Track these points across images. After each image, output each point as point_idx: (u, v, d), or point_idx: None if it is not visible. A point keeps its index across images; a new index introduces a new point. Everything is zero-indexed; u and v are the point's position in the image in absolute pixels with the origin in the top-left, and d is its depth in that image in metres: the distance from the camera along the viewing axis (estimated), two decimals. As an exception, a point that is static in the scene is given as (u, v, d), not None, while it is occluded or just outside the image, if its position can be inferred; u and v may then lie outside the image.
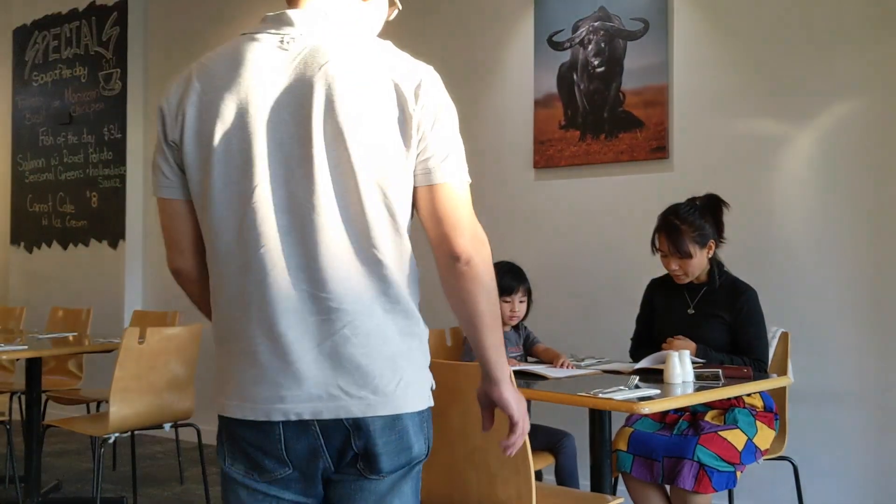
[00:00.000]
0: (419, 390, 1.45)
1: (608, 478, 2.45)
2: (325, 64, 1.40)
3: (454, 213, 1.46)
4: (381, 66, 1.43)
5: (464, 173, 1.48)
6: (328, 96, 1.38)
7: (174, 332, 3.62)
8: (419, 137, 1.42)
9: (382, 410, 1.40)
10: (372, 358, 1.39)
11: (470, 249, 1.46)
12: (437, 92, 1.46)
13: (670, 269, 2.96)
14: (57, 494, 4.21)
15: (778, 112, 3.59)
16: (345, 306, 1.39)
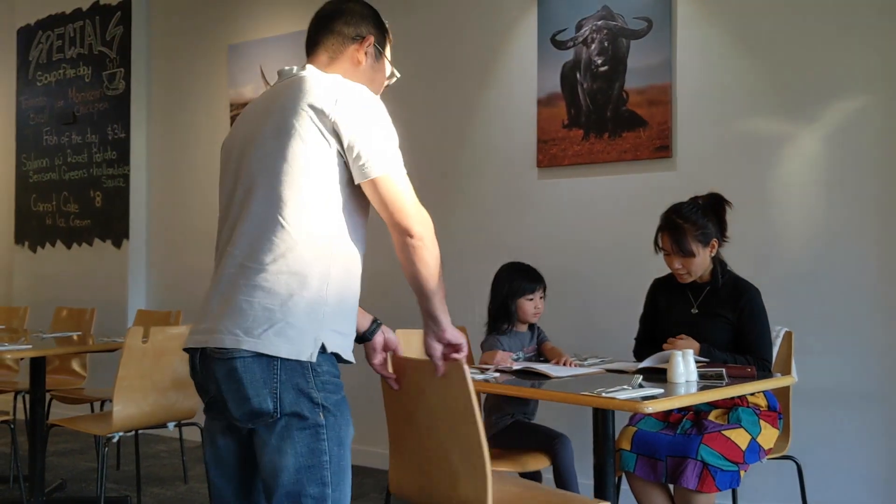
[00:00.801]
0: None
1: (611, 477, 2.44)
2: (275, 96, 1.89)
3: (397, 199, 1.83)
4: (305, 94, 1.81)
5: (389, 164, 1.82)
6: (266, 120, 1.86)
7: (178, 331, 3.62)
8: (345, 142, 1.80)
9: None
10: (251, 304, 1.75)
11: (409, 226, 1.82)
12: (351, 103, 1.81)
13: (673, 268, 2.96)
14: (61, 494, 4.22)
15: (782, 110, 3.58)
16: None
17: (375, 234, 1.99)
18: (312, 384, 1.73)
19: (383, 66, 2.14)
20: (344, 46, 2.03)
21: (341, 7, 2.06)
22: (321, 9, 2.09)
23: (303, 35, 2.14)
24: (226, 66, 5.40)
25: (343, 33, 2.03)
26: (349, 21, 2.03)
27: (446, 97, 4.50)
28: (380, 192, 1.80)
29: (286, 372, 1.72)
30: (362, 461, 4.72)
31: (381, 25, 2.12)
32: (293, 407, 1.72)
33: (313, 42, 2.05)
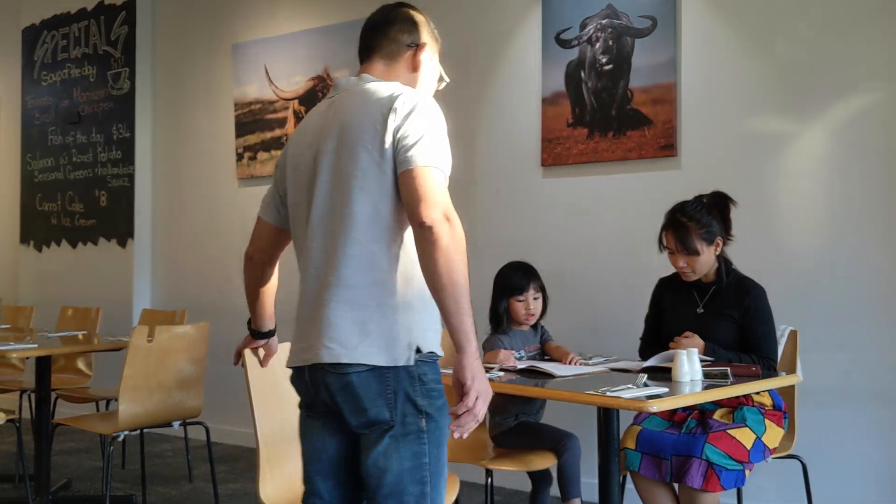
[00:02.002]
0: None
1: (616, 476, 2.44)
2: (337, 110, 1.94)
3: (420, 189, 1.77)
4: (370, 107, 1.88)
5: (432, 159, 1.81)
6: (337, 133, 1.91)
7: (183, 330, 3.63)
8: (396, 142, 1.82)
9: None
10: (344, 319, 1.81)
11: (435, 220, 1.73)
12: (411, 110, 1.87)
13: (678, 267, 2.95)
14: (66, 492, 4.23)
15: (787, 109, 3.58)
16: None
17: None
18: (418, 392, 1.81)
19: (436, 71, 2.20)
20: (399, 53, 2.09)
21: (396, 15, 2.12)
22: (375, 16, 2.14)
23: (307, 34, 2.16)
24: (230, 66, 5.41)
25: (399, 40, 2.08)
26: (404, 28, 2.09)
27: (450, 95, 4.49)
28: (412, 182, 1.78)
29: (397, 381, 1.79)
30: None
31: (433, 32, 2.18)
32: (403, 415, 1.80)
33: (369, 49, 2.12)
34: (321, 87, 4.94)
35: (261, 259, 2.18)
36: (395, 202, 1.82)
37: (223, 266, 5.46)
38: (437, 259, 1.72)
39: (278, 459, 2.48)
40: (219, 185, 5.50)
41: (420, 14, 2.15)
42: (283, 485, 2.46)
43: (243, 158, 5.34)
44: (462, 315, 1.72)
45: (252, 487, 4.18)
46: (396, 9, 2.14)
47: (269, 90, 5.19)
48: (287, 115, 5.11)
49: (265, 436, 2.46)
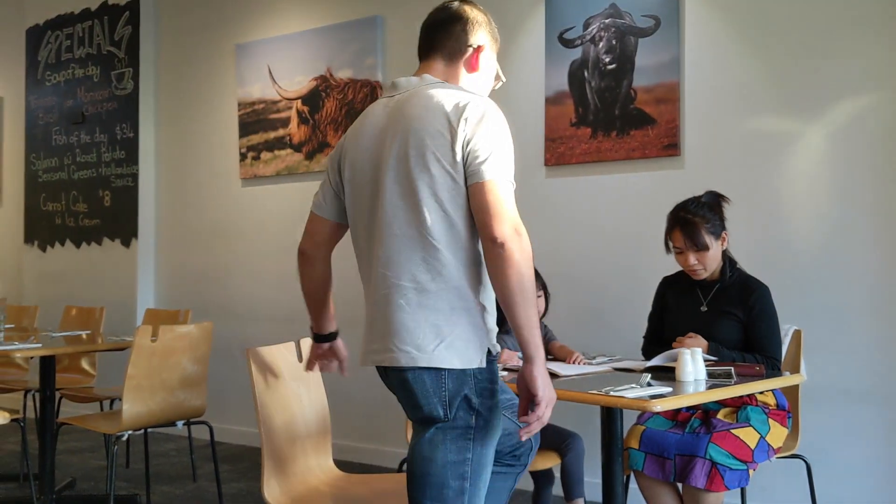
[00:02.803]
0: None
1: (620, 476, 2.44)
2: (402, 113, 1.93)
3: (490, 204, 1.81)
4: (433, 110, 1.90)
5: (501, 173, 1.84)
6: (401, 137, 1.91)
7: (186, 330, 3.63)
8: (466, 151, 1.85)
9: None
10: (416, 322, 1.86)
11: (506, 235, 1.79)
12: (478, 117, 1.89)
13: (688, 265, 2.94)
14: (71, 492, 4.24)
15: (791, 109, 3.57)
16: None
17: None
18: (473, 390, 1.87)
19: (493, 70, 2.20)
20: (461, 52, 2.09)
21: (460, 13, 2.12)
22: (437, 13, 2.14)
23: (310, 34, 2.17)
24: (234, 66, 5.41)
25: (461, 39, 2.09)
26: (467, 28, 2.09)
27: (454, 96, 4.50)
28: (483, 196, 1.82)
29: (452, 380, 1.86)
30: (377, 461, 4.73)
31: (493, 32, 2.19)
32: (455, 411, 1.87)
33: (430, 45, 2.10)
34: (324, 87, 4.95)
35: (317, 255, 2.19)
36: (465, 209, 1.86)
37: (227, 266, 5.47)
38: (510, 274, 1.78)
39: (282, 459, 2.48)
40: (222, 185, 5.51)
41: (482, 13, 2.16)
42: (288, 484, 2.47)
43: (247, 158, 5.34)
44: (532, 328, 1.80)
45: (256, 487, 4.20)
46: (460, 6, 2.13)
47: (273, 90, 5.19)
48: (290, 115, 5.12)
49: (269, 435, 2.46)
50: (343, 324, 2.32)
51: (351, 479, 2.60)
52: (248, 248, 5.37)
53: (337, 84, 4.89)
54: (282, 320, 5.11)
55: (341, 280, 2.34)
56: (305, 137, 5.06)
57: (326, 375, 2.65)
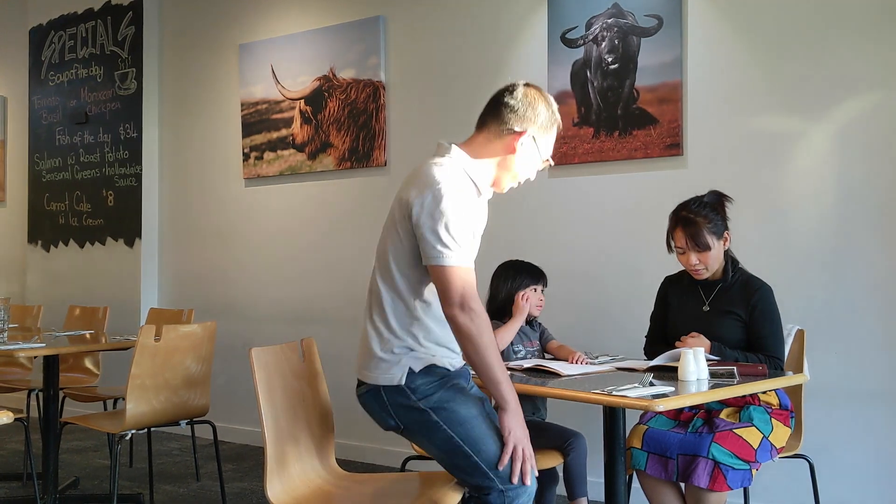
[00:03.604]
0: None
1: (622, 475, 2.44)
2: (410, 174, 2.32)
3: (440, 286, 2.18)
4: (412, 186, 2.22)
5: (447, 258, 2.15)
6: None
7: (189, 329, 3.64)
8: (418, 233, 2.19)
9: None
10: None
11: (455, 315, 2.15)
12: (435, 202, 2.16)
13: (690, 265, 2.94)
14: (74, 491, 4.24)
15: (793, 108, 3.57)
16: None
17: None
18: (412, 399, 2.24)
19: (534, 157, 2.34)
20: (503, 134, 2.29)
21: (514, 94, 2.30)
22: (501, 89, 2.33)
23: (313, 34, 2.19)
24: (237, 66, 5.42)
25: (507, 121, 2.28)
26: (517, 111, 2.28)
27: (456, 95, 4.50)
28: (436, 278, 2.18)
29: (390, 395, 2.26)
30: (381, 461, 4.73)
31: (551, 115, 2.32)
32: (408, 419, 2.26)
33: (481, 120, 2.35)
34: (327, 87, 4.95)
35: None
36: (411, 268, 2.23)
37: (230, 265, 5.47)
38: (465, 345, 2.17)
39: (286, 458, 2.48)
40: (225, 185, 5.51)
41: (542, 96, 2.31)
42: (291, 483, 2.47)
43: (250, 158, 5.35)
44: (498, 384, 2.15)
45: (259, 486, 4.20)
46: (519, 87, 2.31)
47: (276, 90, 5.20)
48: (293, 115, 5.12)
49: (273, 434, 2.46)
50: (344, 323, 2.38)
51: (354, 479, 2.60)
52: (251, 247, 5.38)
53: (340, 84, 4.90)
54: (285, 320, 5.12)
55: (345, 281, 2.37)
56: (308, 137, 5.06)
57: (329, 375, 2.65)
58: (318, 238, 5.05)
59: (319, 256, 5.03)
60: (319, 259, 5.03)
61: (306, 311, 5.05)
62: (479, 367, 2.16)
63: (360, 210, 4.85)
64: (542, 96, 2.31)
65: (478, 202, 2.31)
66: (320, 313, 4.95)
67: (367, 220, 4.79)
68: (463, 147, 2.31)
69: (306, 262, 5.09)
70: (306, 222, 5.11)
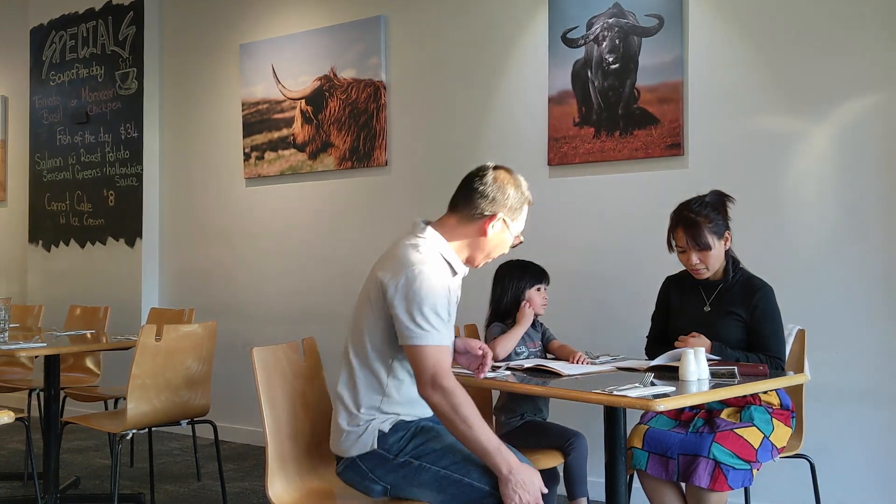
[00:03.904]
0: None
1: (623, 475, 2.44)
2: (387, 253, 2.35)
3: (415, 366, 2.23)
4: (385, 267, 2.28)
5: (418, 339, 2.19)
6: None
7: (190, 329, 3.64)
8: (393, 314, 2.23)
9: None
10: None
11: (428, 395, 2.19)
12: (408, 284, 2.20)
13: (691, 265, 2.94)
14: (75, 491, 4.25)
15: (794, 108, 3.57)
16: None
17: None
18: (389, 457, 2.28)
19: (507, 238, 2.42)
20: (473, 219, 2.36)
21: (484, 179, 2.36)
22: (472, 172, 2.41)
23: (314, 34, 2.18)
24: (238, 66, 5.42)
25: (477, 206, 2.35)
26: (487, 195, 2.34)
27: (457, 95, 4.51)
28: (410, 357, 2.23)
29: (366, 462, 2.30)
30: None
31: (521, 195, 2.41)
32: (392, 477, 2.29)
33: (453, 203, 2.41)
34: (328, 87, 4.95)
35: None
36: (385, 345, 2.28)
37: (231, 265, 5.48)
38: (444, 423, 2.20)
39: (287, 458, 2.49)
40: (226, 185, 5.51)
41: (511, 179, 2.38)
42: (292, 483, 2.47)
43: (251, 158, 5.35)
44: (486, 455, 2.16)
45: (260, 486, 4.20)
46: (489, 172, 2.37)
47: (277, 90, 5.20)
48: (294, 115, 5.12)
49: (274, 434, 2.46)
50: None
51: (355, 479, 2.60)
52: (252, 247, 5.38)
53: (340, 84, 4.90)
54: (286, 320, 5.12)
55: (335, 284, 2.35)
56: (309, 137, 5.06)
57: (330, 375, 2.65)
58: (318, 238, 5.05)
59: (320, 256, 5.03)
60: (320, 259, 5.03)
61: (308, 311, 5.05)
62: (465, 441, 2.18)
63: (360, 210, 4.85)
64: (512, 178, 2.38)
65: (453, 282, 2.35)
66: (322, 313, 4.95)
67: (367, 220, 4.80)
68: (437, 228, 2.36)
69: (307, 261, 5.09)
70: (307, 222, 5.11)
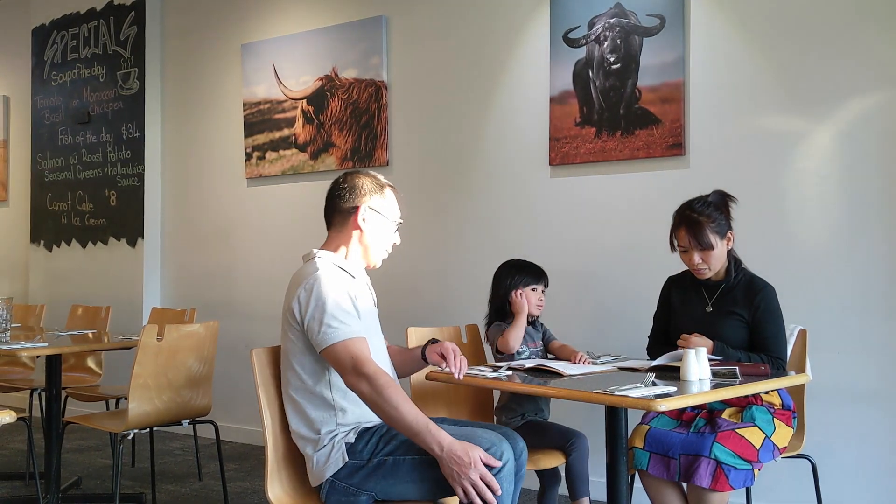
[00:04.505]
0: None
1: (624, 475, 2.44)
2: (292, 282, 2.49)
3: (335, 365, 2.31)
4: (289, 294, 2.43)
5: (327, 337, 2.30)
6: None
7: (192, 329, 3.64)
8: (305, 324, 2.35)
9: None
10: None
11: (354, 385, 2.27)
12: (306, 295, 2.35)
13: (693, 264, 2.94)
14: (76, 490, 4.25)
15: (796, 108, 3.57)
16: None
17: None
18: (363, 462, 2.32)
19: (383, 219, 2.52)
20: (344, 221, 2.51)
21: (336, 185, 2.54)
22: (330, 188, 2.57)
23: (315, 34, 2.18)
24: (239, 66, 5.42)
25: (341, 209, 2.51)
26: (342, 196, 2.50)
27: (458, 95, 4.51)
28: (329, 359, 2.31)
29: (344, 478, 2.32)
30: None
31: (376, 183, 2.52)
32: (373, 482, 2.30)
33: (326, 219, 2.57)
34: (329, 87, 4.95)
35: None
36: (309, 358, 2.37)
37: (232, 265, 5.48)
38: (373, 409, 2.26)
39: (287, 458, 2.49)
40: (228, 185, 5.52)
41: (361, 173, 2.54)
42: (292, 483, 2.47)
43: (252, 158, 5.35)
44: (417, 435, 2.18)
45: (261, 485, 4.20)
46: (340, 179, 2.55)
47: (278, 90, 5.20)
48: (295, 115, 5.12)
49: (274, 434, 2.47)
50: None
51: (356, 478, 2.60)
52: (254, 247, 5.38)
53: (342, 84, 4.90)
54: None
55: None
56: (310, 137, 5.06)
57: (331, 375, 2.65)
58: (320, 238, 5.03)
59: (321, 256, 5.03)
60: (321, 259, 5.02)
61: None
62: (394, 425, 2.23)
63: (362, 210, 4.84)
64: (361, 173, 2.54)
65: (354, 284, 2.45)
66: (322, 313, 4.94)
67: (369, 220, 4.79)
68: (323, 248, 2.52)
69: (308, 261, 5.09)
70: (308, 222, 5.10)
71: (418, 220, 4.41)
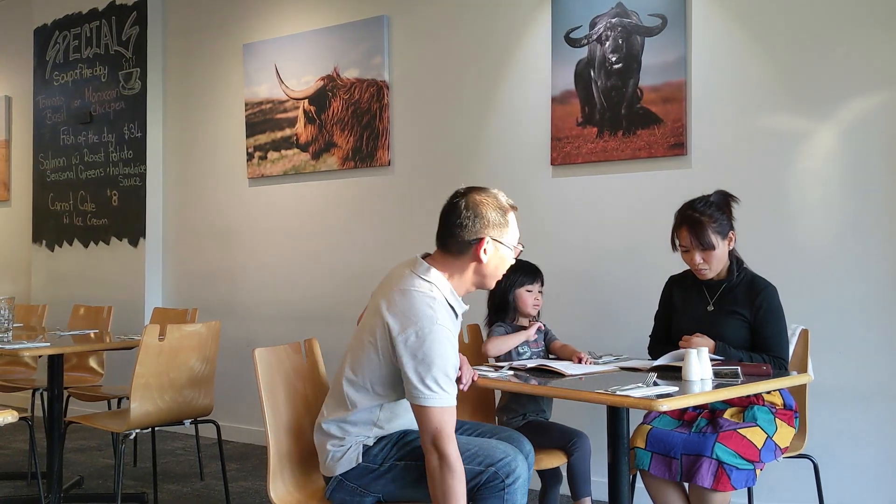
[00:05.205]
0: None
1: (626, 475, 2.44)
2: (386, 286, 2.36)
3: (419, 423, 2.23)
4: (388, 309, 2.26)
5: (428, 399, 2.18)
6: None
7: (194, 329, 3.64)
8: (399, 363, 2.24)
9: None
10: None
11: (426, 451, 2.20)
12: (417, 341, 2.20)
13: (694, 264, 2.94)
14: (78, 490, 4.25)
15: (798, 107, 3.56)
16: None
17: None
18: (375, 466, 2.34)
19: (504, 249, 2.36)
20: (463, 250, 2.32)
21: (456, 206, 2.33)
22: (445, 206, 2.37)
23: (317, 34, 2.17)
24: (241, 66, 5.43)
25: (460, 238, 2.31)
26: (465, 225, 2.29)
27: (460, 94, 4.51)
28: (416, 416, 2.22)
29: (354, 479, 2.35)
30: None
31: (499, 208, 2.35)
32: (382, 484, 2.33)
33: (440, 238, 2.37)
34: (331, 87, 4.95)
35: None
36: (387, 389, 2.29)
37: (234, 265, 5.48)
38: (430, 481, 2.19)
39: (289, 458, 2.49)
40: (229, 185, 5.52)
41: (485, 197, 2.34)
42: (294, 483, 2.47)
43: (254, 158, 5.35)
44: None
45: (262, 485, 4.20)
46: (461, 201, 2.33)
47: (280, 90, 5.20)
48: (297, 115, 5.13)
49: (276, 434, 2.47)
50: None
51: (357, 478, 2.60)
52: (256, 247, 5.38)
53: (344, 84, 4.90)
54: (289, 320, 5.12)
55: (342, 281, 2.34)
56: (312, 137, 5.06)
57: (331, 374, 2.65)
58: (321, 238, 5.05)
59: (323, 256, 5.04)
60: (323, 259, 5.03)
61: (310, 311, 5.05)
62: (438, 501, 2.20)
63: (363, 209, 4.85)
64: (484, 198, 2.33)
65: (456, 328, 2.34)
66: (324, 313, 4.95)
67: (370, 220, 4.80)
68: (438, 267, 2.32)
69: (310, 261, 5.10)
70: (310, 222, 5.11)
71: (420, 221, 4.41)
